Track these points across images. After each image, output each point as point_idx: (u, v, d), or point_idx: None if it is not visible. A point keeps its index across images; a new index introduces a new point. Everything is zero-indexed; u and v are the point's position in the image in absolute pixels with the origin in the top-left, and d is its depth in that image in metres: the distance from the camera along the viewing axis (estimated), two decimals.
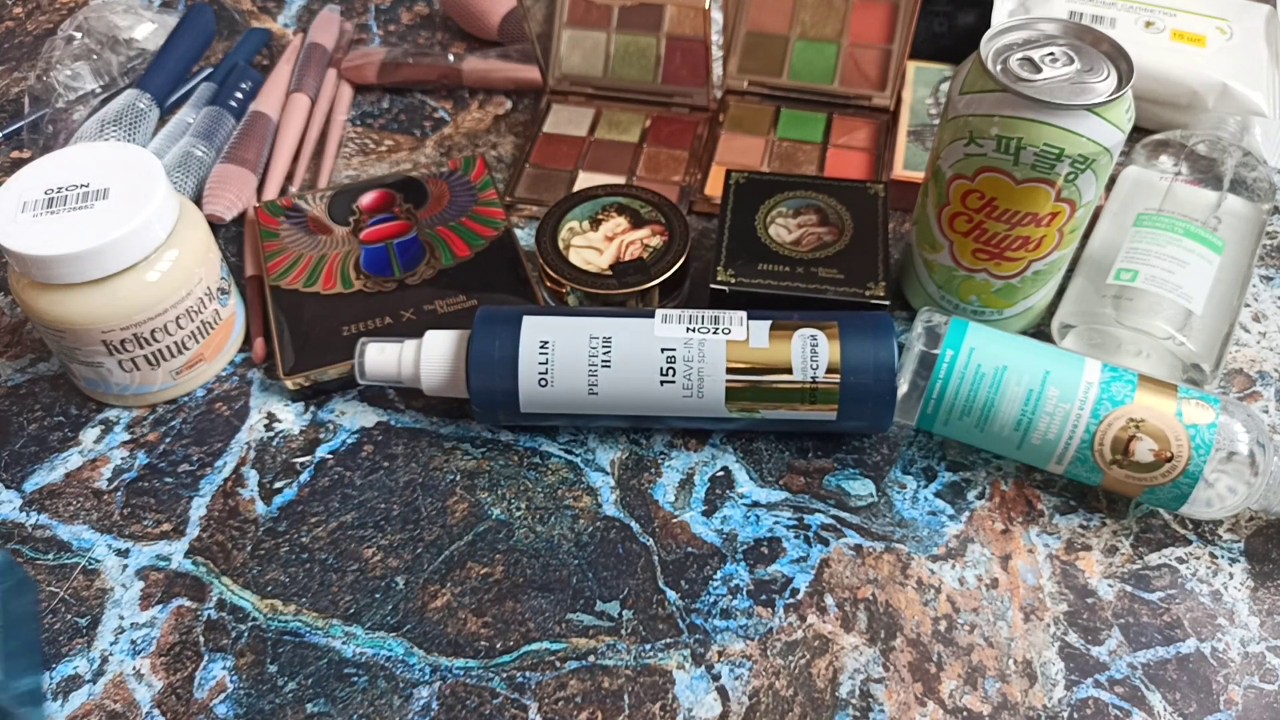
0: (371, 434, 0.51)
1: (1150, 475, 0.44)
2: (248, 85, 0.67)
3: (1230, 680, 0.42)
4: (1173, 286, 0.49)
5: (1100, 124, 0.43)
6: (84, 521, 0.48)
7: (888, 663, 0.43)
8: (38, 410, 0.52)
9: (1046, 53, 0.45)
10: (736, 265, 0.51)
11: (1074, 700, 0.42)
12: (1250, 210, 0.53)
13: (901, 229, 0.60)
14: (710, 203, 0.60)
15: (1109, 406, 0.44)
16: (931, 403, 0.46)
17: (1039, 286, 0.50)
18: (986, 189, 0.46)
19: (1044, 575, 0.45)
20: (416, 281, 0.55)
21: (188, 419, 0.52)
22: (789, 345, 0.46)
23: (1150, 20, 0.64)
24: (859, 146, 0.63)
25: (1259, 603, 0.45)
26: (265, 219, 0.58)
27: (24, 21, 0.76)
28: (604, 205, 0.55)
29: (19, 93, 0.70)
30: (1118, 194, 0.55)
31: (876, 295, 0.50)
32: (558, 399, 0.47)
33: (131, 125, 0.63)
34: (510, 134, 0.66)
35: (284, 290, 0.54)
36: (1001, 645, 0.43)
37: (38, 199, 0.47)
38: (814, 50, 0.64)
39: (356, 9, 0.76)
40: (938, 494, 0.48)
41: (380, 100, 0.69)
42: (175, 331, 0.49)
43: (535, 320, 0.47)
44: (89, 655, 0.43)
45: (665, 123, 0.65)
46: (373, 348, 0.48)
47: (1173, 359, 0.49)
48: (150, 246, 0.47)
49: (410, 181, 0.60)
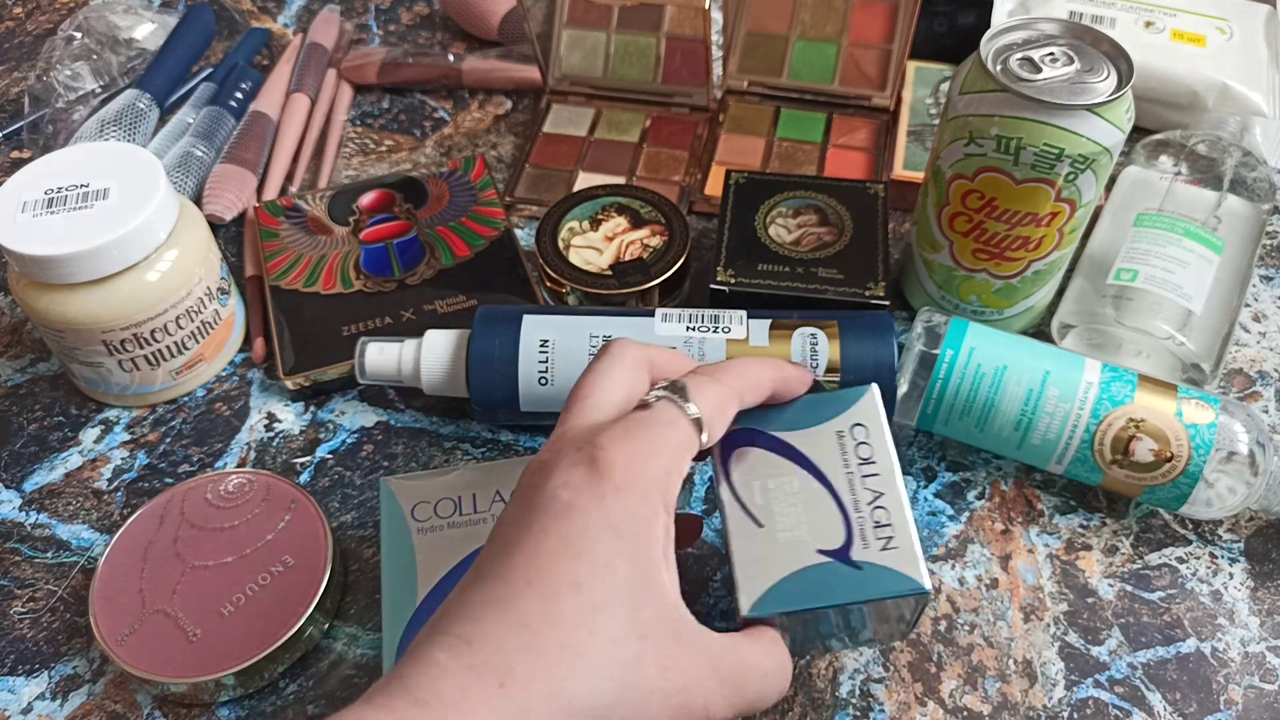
0: (371, 434, 0.51)
1: (1150, 475, 0.44)
2: (248, 85, 0.67)
3: (1230, 680, 0.42)
4: (1173, 286, 0.49)
5: (1100, 124, 0.43)
6: (84, 521, 0.48)
7: (888, 663, 0.43)
8: (38, 410, 0.52)
9: (1046, 53, 0.45)
10: (736, 265, 0.51)
11: (1074, 700, 0.42)
12: (1250, 210, 0.53)
13: (901, 229, 0.60)
14: (710, 203, 0.60)
15: (1109, 406, 0.44)
16: (931, 403, 0.46)
17: (1039, 286, 0.50)
18: (986, 189, 0.46)
19: (1044, 575, 0.45)
20: (416, 281, 0.55)
21: (188, 419, 0.52)
22: (789, 344, 0.46)
23: (1150, 20, 0.64)
24: (859, 146, 0.63)
25: (1259, 603, 0.45)
26: (265, 219, 0.58)
27: (24, 21, 0.76)
28: (604, 205, 0.55)
29: (19, 93, 0.70)
30: (1118, 194, 0.55)
31: (876, 295, 0.50)
32: (558, 398, 0.47)
33: (131, 125, 0.63)
34: (510, 134, 0.66)
35: (284, 290, 0.54)
36: (1001, 645, 0.43)
37: (38, 199, 0.47)
38: (814, 50, 0.64)
39: (356, 9, 0.76)
40: (938, 494, 0.48)
41: (380, 100, 0.69)
42: (175, 331, 0.49)
43: (535, 319, 0.47)
44: (89, 655, 0.43)
45: (665, 123, 0.65)
46: (373, 347, 0.48)
47: (1173, 359, 0.49)
48: (150, 246, 0.47)
49: (410, 181, 0.60)
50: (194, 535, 0.44)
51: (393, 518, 0.43)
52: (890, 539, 0.35)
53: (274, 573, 0.43)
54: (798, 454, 0.37)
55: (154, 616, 0.41)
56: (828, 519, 0.36)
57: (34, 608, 0.45)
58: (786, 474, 0.37)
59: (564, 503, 0.31)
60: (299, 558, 0.43)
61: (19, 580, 0.46)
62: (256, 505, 0.45)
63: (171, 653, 0.40)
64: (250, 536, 0.44)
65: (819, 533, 0.35)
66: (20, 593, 0.45)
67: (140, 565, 0.43)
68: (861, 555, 0.35)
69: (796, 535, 0.35)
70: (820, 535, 0.35)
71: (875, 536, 0.35)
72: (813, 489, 0.36)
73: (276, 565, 0.43)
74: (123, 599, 0.42)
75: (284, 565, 0.43)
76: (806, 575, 0.35)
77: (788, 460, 0.37)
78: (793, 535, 0.35)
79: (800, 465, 0.37)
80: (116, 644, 0.41)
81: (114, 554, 0.44)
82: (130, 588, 0.42)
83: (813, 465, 0.37)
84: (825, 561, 0.35)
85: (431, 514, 0.43)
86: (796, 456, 0.37)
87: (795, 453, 0.37)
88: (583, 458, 0.31)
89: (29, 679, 0.43)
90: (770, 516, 0.36)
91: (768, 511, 0.36)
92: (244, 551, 0.43)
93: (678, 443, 0.33)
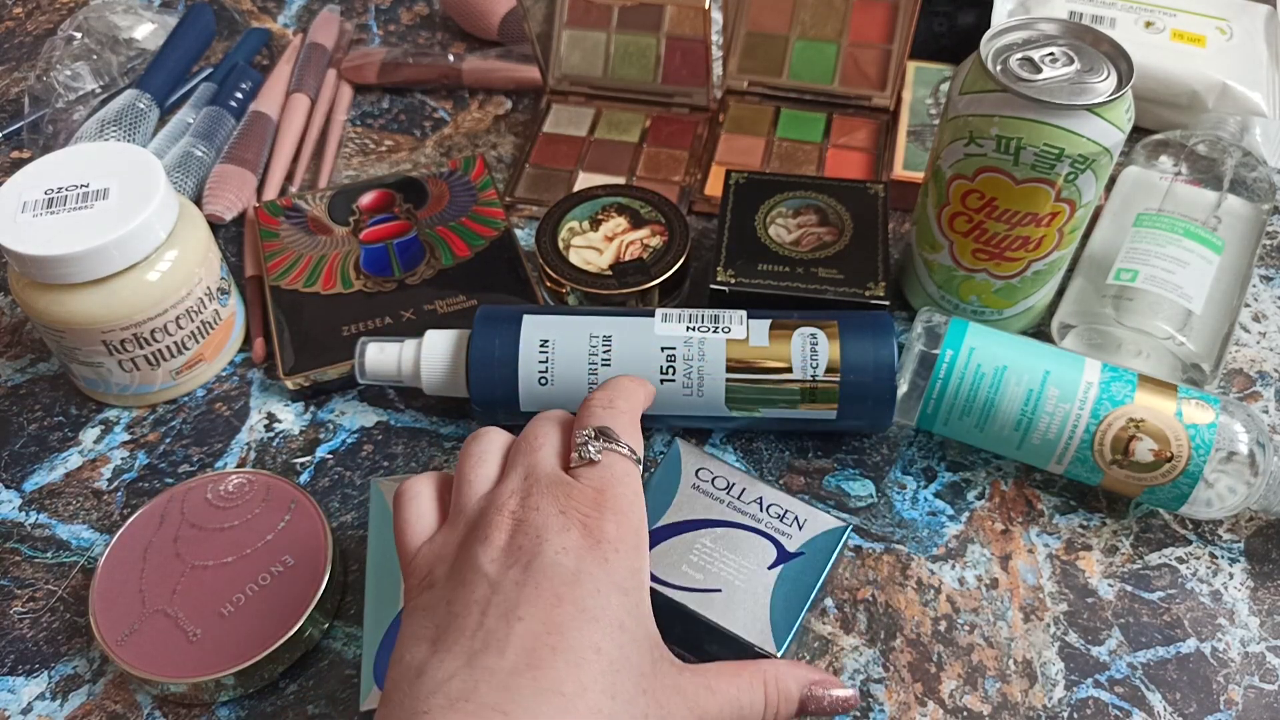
0: (371, 434, 0.51)
1: (1150, 475, 0.44)
2: (248, 85, 0.67)
3: (1230, 680, 0.42)
4: (1173, 286, 0.49)
5: (1100, 124, 0.43)
6: (83, 521, 0.48)
7: (888, 663, 0.43)
8: (38, 410, 0.52)
9: (1046, 53, 0.45)
10: (736, 265, 0.51)
11: (1074, 700, 0.42)
12: (1250, 210, 0.53)
13: (901, 229, 0.60)
14: (710, 203, 0.60)
15: (1109, 406, 0.44)
16: (931, 403, 0.46)
17: (1039, 286, 0.50)
18: (986, 189, 0.46)
19: (1044, 575, 0.45)
20: (416, 281, 0.54)
21: (188, 419, 0.52)
22: (789, 344, 0.46)
23: (1150, 20, 0.64)
24: (859, 146, 0.63)
25: (1259, 603, 0.45)
26: (265, 219, 0.58)
27: (24, 21, 0.76)
28: (604, 205, 0.55)
29: (19, 93, 0.70)
30: (1118, 194, 0.55)
31: (876, 295, 0.50)
32: (558, 398, 0.47)
33: (131, 125, 0.63)
34: (510, 134, 0.66)
35: (284, 290, 0.54)
36: (1001, 645, 0.43)
37: (38, 199, 0.47)
38: (814, 50, 0.64)
39: (356, 9, 0.76)
40: (937, 494, 0.48)
41: (380, 100, 0.69)
42: (175, 331, 0.49)
43: (535, 319, 0.47)
44: (89, 655, 0.43)
45: (665, 123, 0.65)
46: (373, 347, 0.48)
47: (1173, 359, 0.49)
48: (150, 246, 0.47)
49: (410, 181, 0.60)
50: (194, 535, 0.44)
51: (383, 520, 0.43)
52: (796, 518, 0.41)
53: (274, 573, 0.43)
54: (684, 524, 0.41)
55: (154, 616, 0.41)
56: (751, 544, 0.40)
57: (34, 608, 0.45)
58: (693, 542, 0.40)
59: (571, 570, 0.32)
60: (299, 558, 0.43)
61: (19, 580, 0.46)
62: (256, 505, 0.45)
63: (172, 653, 0.40)
64: (250, 537, 0.44)
65: (756, 557, 0.40)
66: (20, 593, 0.45)
67: (140, 565, 0.43)
68: (795, 545, 0.40)
69: (745, 573, 0.39)
70: (759, 558, 0.40)
71: (786, 525, 0.41)
72: (721, 536, 0.41)
73: (276, 565, 0.43)
74: (123, 599, 0.42)
75: (284, 565, 0.43)
76: (780, 590, 0.39)
77: (684, 534, 0.41)
78: (744, 576, 0.39)
79: (695, 528, 0.41)
80: (117, 644, 0.41)
81: (114, 554, 0.44)
82: (130, 588, 0.42)
83: (701, 521, 0.41)
84: (780, 569, 0.40)
85: None
86: (685, 526, 0.41)
87: (682, 525, 0.41)
88: (571, 523, 0.33)
89: (29, 679, 0.43)
90: (717, 579, 0.39)
91: (713, 577, 0.39)
92: (244, 552, 0.43)
93: (637, 486, 0.36)
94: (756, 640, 0.38)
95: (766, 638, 0.38)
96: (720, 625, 0.38)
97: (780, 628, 0.38)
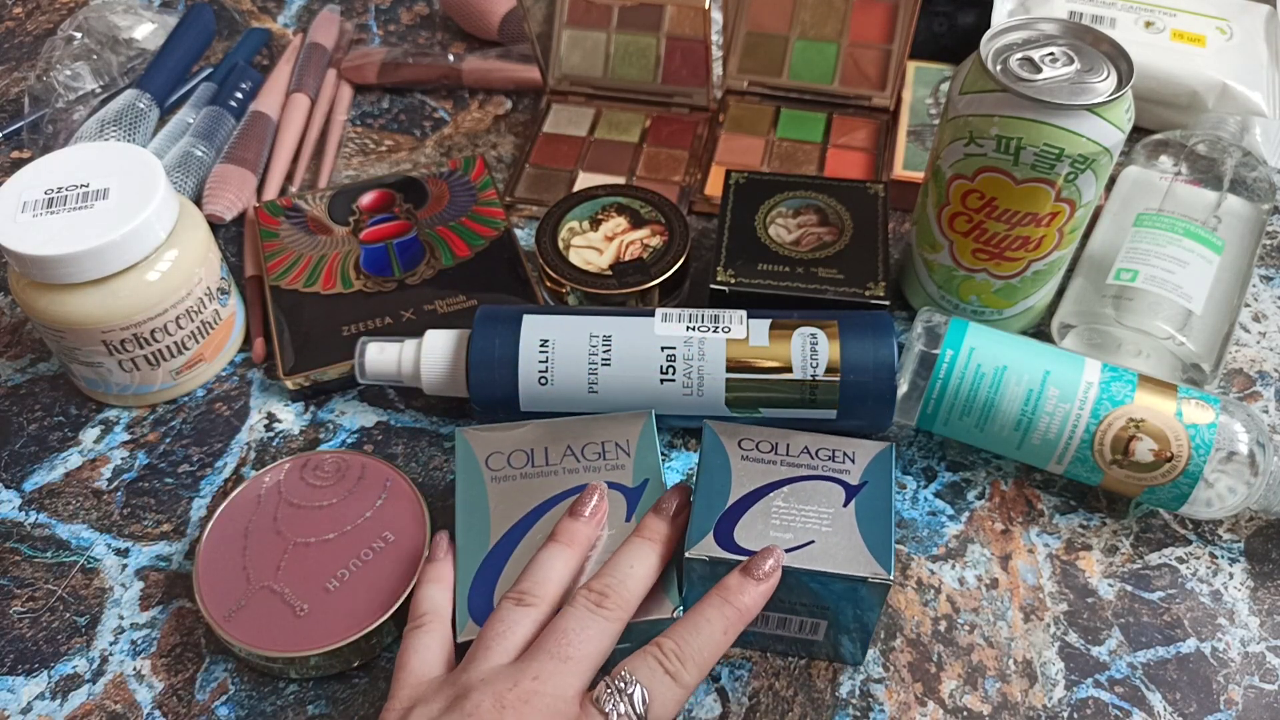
0: (371, 434, 0.51)
1: (1150, 475, 0.44)
2: (248, 85, 0.67)
3: (1230, 680, 0.42)
4: (1173, 286, 0.49)
5: (1100, 124, 0.43)
6: (83, 521, 0.48)
7: (888, 663, 0.43)
8: (38, 410, 0.52)
9: (1046, 53, 0.45)
10: (736, 265, 0.51)
11: (1074, 700, 0.42)
12: (1250, 210, 0.53)
13: (901, 229, 0.60)
14: (710, 203, 0.60)
15: (1109, 406, 0.44)
16: (931, 402, 0.46)
17: (1039, 286, 0.50)
18: (986, 189, 0.46)
19: (1044, 575, 0.45)
20: (416, 281, 0.55)
21: (188, 419, 0.52)
22: (789, 343, 0.46)
23: (1150, 20, 0.64)
24: (859, 146, 0.63)
25: (1259, 603, 0.45)
26: (265, 219, 0.58)
27: (24, 21, 0.76)
28: (604, 205, 0.55)
29: (19, 93, 0.70)
30: (1118, 194, 0.55)
31: (876, 295, 0.50)
32: (558, 397, 0.47)
33: (131, 125, 0.63)
34: (510, 134, 0.66)
35: (284, 290, 0.54)
36: (1001, 645, 0.43)
37: (38, 199, 0.47)
38: (814, 50, 0.64)
39: (356, 9, 0.76)
40: (938, 494, 0.48)
41: (380, 100, 0.69)
42: (175, 331, 0.49)
43: (535, 319, 0.47)
44: (88, 655, 0.43)
45: (665, 123, 0.65)
46: (373, 347, 0.48)
47: (1173, 359, 0.49)
48: (150, 246, 0.47)
49: (410, 181, 0.60)
50: (293, 514, 0.45)
51: (468, 466, 0.44)
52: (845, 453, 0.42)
53: (375, 549, 0.44)
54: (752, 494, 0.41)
55: (260, 593, 0.42)
56: (819, 490, 0.41)
57: (34, 607, 0.45)
58: (768, 508, 0.40)
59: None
60: (398, 534, 0.44)
61: (19, 580, 0.46)
62: (352, 484, 0.46)
63: (280, 627, 0.41)
64: (349, 514, 0.45)
65: (829, 500, 0.41)
66: (20, 592, 0.45)
67: (242, 544, 0.44)
68: (855, 477, 0.41)
69: (827, 518, 0.40)
70: (831, 500, 0.41)
71: (839, 462, 0.42)
72: (790, 493, 0.41)
73: (378, 542, 0.44)
74: (226, 578, 0.43)
75: (385, 541, 0.44)
76: (863, 521, 0.40)
77: (756, 503, 0.41)
78: (827, 521, 0.40)
79: (763, 495, 0.41)
80: (224, 619, 0.41)
81: (212, 537, 0.44)
82: (233, 565, 0.43)
83: (766, 486, 0.41)
84: (854, 504, 0.40)
85: (505, 464, 0.44)
86: (754, 496, 0.41)
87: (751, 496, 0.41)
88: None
89: (29, 679, 0.43)
90: (805, 532, 0.40)
91: (800, 532, 0.40)
92: (344, 529, 0.44)
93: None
94: (868, 572, 0.38)
95: (873, 564, 0.38)
96: (831, 571, 0.38)
97: (880, 551, 0.39)
